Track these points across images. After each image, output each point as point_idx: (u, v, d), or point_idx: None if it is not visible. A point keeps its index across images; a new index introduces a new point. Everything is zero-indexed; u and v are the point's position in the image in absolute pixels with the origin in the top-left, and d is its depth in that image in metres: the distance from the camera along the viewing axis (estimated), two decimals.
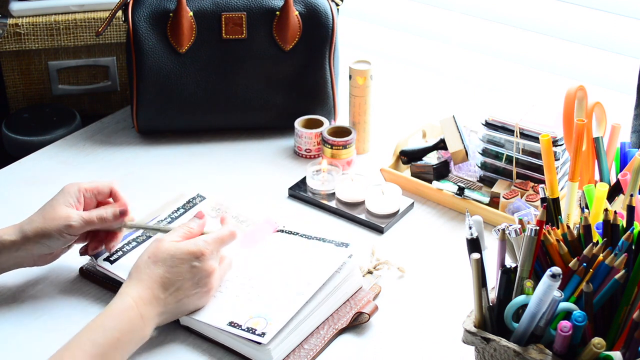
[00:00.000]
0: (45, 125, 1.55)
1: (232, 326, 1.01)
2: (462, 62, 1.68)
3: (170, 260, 1.00)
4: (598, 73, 1.52)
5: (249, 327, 1.01)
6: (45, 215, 1.07)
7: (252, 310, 1.03)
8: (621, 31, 1.47)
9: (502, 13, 1.60)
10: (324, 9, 1.42)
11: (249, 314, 1.03)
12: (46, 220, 1.07)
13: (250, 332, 1.00)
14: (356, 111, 1.42)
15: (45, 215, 1.07)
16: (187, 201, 1.24)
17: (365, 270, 1.16)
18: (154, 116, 1.44)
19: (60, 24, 1.54)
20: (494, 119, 1.28)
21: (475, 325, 0.90)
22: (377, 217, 1.27)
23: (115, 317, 0.95)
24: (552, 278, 0.80)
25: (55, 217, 1.07)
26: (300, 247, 1.14)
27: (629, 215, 0.90)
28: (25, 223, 1.08)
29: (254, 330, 1.00)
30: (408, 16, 1.74)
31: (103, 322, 0.95)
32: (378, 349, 1.05)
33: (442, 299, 1.12)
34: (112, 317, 0.95)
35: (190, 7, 1.39)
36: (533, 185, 1.26)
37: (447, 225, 1.27)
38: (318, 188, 1.32)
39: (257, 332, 1.00)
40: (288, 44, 1.42)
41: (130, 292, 0.98)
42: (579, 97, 1.13)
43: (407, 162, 1.36)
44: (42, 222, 1.07)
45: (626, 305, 0.86)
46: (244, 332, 1.00)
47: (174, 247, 1.01)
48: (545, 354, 0.85)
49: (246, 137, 1.49)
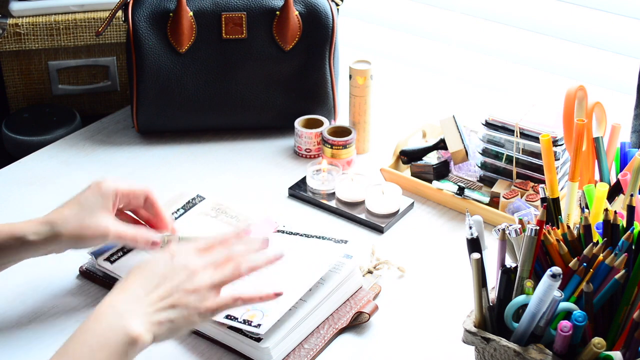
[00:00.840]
0: (45, 125, 1.55)
1: (229, 319, 1.01)
2: (462, 62, 1.68)
3: (146, 262, 0.94)
4: (598, 73, 1.52)
5: (245, 319, 1.01)
6: (83, 220, 1.03)
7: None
8: (621, 31, 1.47)
9: (502, 13, 1.60)
10: (324, 9, 1.42)
11: (246, 306, 1.03)
12: (83, 227, 1.03)
13: (247, 324, 1.00)
14: (356, 111, 1.42)
15: (83, 219, 1.03)
16: (187, 201, 1.25)
17: (365, 270, 1.16)
18: (154, 116, 1.44)
19: (60, 24, 1.54)
20: (494, 119, 1.28)
21: (475, 325, 0.90)
22: (377, 217, 1.27)
23: (92, 322, 0.86)
24: (552, 278, 0.80)
25: (93, 226, 1.03)
26: (300, 245, 1.14)
27: (629, 215, 0.90)
28: (59, 221, 1.02)
29: (250, 322, 1.00)
30: (408, 16, 1.74)
31: (77, 335, 0.86)
32: (378, 349, 1.05)
33: (442, 299, 1.12)
34: (87, 325, 0.86)
35: (190, 7, 1.39)
36: (533, 185, 1.26)
37: (447, 225, 1.27)
38: (318, 188, 1.32)
39: (253, 323, 0.99)
40: (288, 44, 1.42)
41: (105, 300, 0.89)
42: (579, 97, 1.13)
43: (407, 162, 1.36)
44: (80, 227, 1.02)
45: (626, 305, 0.86)
46: (240, 324, 1.00)
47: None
48: (545, 354, 0.85)
49: (246, 137, 1.49)
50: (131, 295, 0.89)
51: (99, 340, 0.84)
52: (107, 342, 0.84)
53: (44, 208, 1.09)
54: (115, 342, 0.84)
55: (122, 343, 0.85)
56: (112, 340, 0.84)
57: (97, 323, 0.85)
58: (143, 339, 0.86)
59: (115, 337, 0.85)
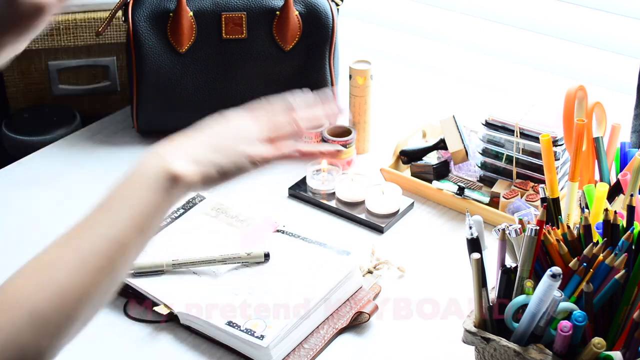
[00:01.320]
0: (45, 125, 1.55)
1: (231, 326, 1.01)
2: (462, 62, 1.68)
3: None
4: (598, 73, 1.52)
5: (248, 328, 1.01)
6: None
7: (251, 311, 1.03)
8: (621, 31, 1.47)
9: (502, 13, 1.60)
10: (324, 9, 1.42)
11: (248, 314, 1.03)
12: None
13: (249, 333, 1.00)
14: (356, 111, 1.42)
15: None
16: (187, 201, 1.25)
17: (365, 270, 1.16)
18: (154, 116, 1.44)
19: (60, 24, 1.54)
20: (494, 119, 1.28)
21: (475, 325, 0.90)
22: (377, 216, 1.27)
23: (133, 169, 0.81)
24: (552, 278, 0.80)
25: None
26: (300, 252, 1.14)
27: (629, 215, 0.90)
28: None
29: (252, 332, 1.00)
30: (408, 16, 1.74)
31: (119, 182, 0.80)
32: (378, 349, 1.05)
33: (442, 299, 1.12)
34: (127, 173, 0.81)
35: (190, 7, 1.39)
36: (533, 185, 1.26)
37: (447, 225, 1.27)
38: (318, 188, 1.32)
39: (255, 334, 1.00)
40: (288, 44, 1.42)
41: (148, 150, 0.85)
42: (579, 97, 1.13)
43: (407, 162, 1.36)
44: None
45: (626, 305, 0.86)
46: (242, 333, 1.00)
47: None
48: (545, 354, 0.85)
49: None
50: (177, 142, 0.86)
51: (140, 180, 0.80)
52: (147, 181, 0.80)
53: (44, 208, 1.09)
54: (156, 181, 0.80)
55: (164, 180, 0.80)
56: (152, 180, 0.80)
57: (138, 167, 0.81)
58: (186, 177, 0.81)
59: (156, 176, 0.80)
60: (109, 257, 0.75)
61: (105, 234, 0.76)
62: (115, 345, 1.05)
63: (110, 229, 0.76)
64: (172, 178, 0.80)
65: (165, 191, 0.80)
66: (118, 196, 0.79)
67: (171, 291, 1.09)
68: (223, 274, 1.11)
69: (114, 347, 1.05)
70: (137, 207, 0.78)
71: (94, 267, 0.74)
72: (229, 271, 1.11)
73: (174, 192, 0.81)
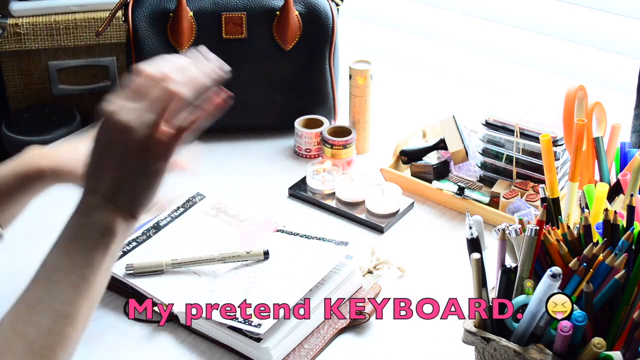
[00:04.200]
0: (45, 125, 1.55)
1: (231, 326, 1.01)
2: (462, 62, 1.68)
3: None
4: (598, 73, 1.52)
5: (248, 328, 1.00)
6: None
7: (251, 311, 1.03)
8: (621, 31, 1.47)
9: (502, 13, 1.60)
10: (324, 9, 1.42)
11: (248, 314, 1.03)
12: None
13: (249, 333, 1.00)
14: (356, 111, 1.42)
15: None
16: (187, 200, 1.25)
17: (365, 270, 1.16)
18: None
19: (60, 24, 1.54)
20: (494, 119, 1.28)
21: (475, 325, 0.90)
22: (377, 216, 1.27)
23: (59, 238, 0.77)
24: (552, 278, 0.80)
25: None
26: (300, 246, 1.14)
27: (629, 215, 0.90)
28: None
29: (252, 332, 1.00)
30: (408, 16, 1.74)
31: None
32: (378, 349, 1.05)
33: (442, 299, 1.12)
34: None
35: (190, 7, 1.39)
36: (533, 185, 1.26)
37: (447, 225, 1.27)
38: (318, 188, 1.32)
39: (253, 323, 0.99)
40: (288, 44, 1.42)
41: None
42: (579, 97, 1.13)
43: (407, 162, 1.36)
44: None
45: (626, 305, 0.86)
46: (239, 323, 1.00)
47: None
48: (545, 354, 0.85)
49: (246, 137, 1.49)
50: (87, 189, 0.80)
51: (77, 243, 0.75)
52: (85, 243, 0.75)
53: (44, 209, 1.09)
54: (95, 240, 0.76)
55: (103, 236, 0.76)
56: (91, 240, 0.76)
57: (71, 227, 0.77)
58: (130, 225, 0.77)
59: (93, 235, 0.76)
60: (58, 332, 0.72)
61: (48, 310, 0.72)
62: (115, 345, 1.05)
63: (52, 304, 0.72)
64: (112, 233, 0.75)
65: (105, 247, 0.75)
66: (58, 264, 0.74)
67: (171, 291, 1.09)
68: (223, 273, 1.11)
69: (114, 347, 1.05)
70: (79, 273, 0.73)
71: (44, 346, 0.71)
72: (229, 271, 1.11)
73: (116, 244, 0.76)
